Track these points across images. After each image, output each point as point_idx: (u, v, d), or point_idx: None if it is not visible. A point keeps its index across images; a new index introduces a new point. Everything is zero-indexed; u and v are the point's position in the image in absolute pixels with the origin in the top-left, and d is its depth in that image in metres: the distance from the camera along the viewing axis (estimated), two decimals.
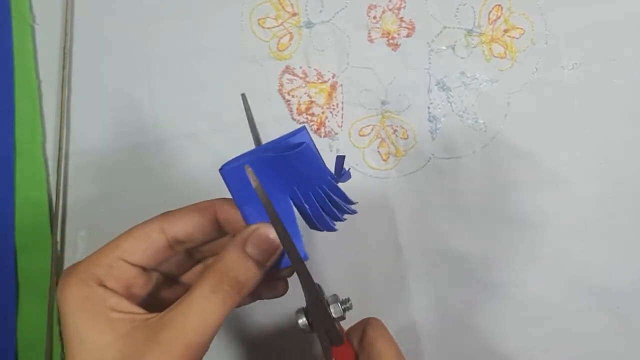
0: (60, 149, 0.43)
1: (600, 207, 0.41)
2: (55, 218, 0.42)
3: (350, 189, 0.41)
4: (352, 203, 0.30)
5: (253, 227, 0.28)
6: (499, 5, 0.42)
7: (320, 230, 0.30)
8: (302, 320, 0.30)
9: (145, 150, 0.43)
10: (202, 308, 0.26)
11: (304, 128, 0.28)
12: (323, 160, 0.29)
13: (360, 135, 0.42)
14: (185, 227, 0.30)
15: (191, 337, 0.26)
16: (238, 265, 0.28)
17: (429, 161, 0.42)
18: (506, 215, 0.41)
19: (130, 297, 0.29)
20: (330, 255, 0.41)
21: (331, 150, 0.42)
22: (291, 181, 0.28)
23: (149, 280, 0.30)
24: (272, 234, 0.28)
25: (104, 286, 0.28)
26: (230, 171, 0.28)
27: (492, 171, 0.41)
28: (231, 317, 0.41)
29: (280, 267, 0.30)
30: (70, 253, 0.43)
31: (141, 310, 0.28)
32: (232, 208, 0.30)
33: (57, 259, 0.42)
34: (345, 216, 0.30)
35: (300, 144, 0.27)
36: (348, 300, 0.31)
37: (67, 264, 0.43)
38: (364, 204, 0.42)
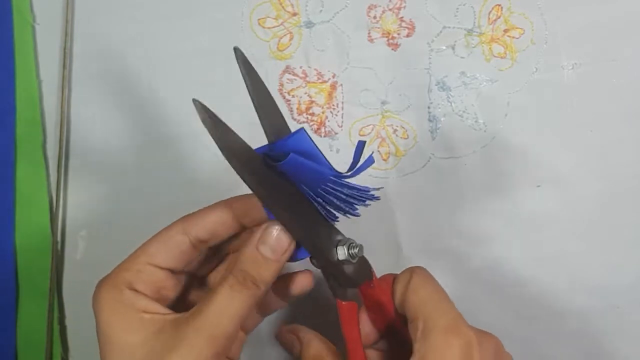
0: (60, 149, 0.43)
1: (600, 207, 0.41)
2: (55, 218, 0.42)
3: None
4: (368, 191, 0.31)
5: (263, 226, 0.30)
6: (499, 5, 0.42)
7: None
8: (314, 261, 0.31)
9: (145, 150, 0.43)
10: (224, 303, 0.29)
11: (301, 130, 0.29)
12: (322, 158, 0.29)
13: (361, 135, 0.42)
14: (205, 226, 0.31)
15: (215, 328, 0.28)
16: (252, 264, 0.29)
17: (429, 161, 0.42)
18: (506, 215, 0.41)
19: (160, 299, 0.31)
20: None
21: (331, 150, 0.42)
22: (298, 180, 0.29)
23: (178, 281, 0.33)
24: (277, 232, 0.30)
25: (134, 290, 0.30)
26: (285, 164, 0.28)
27: (492, 171, 0.41)
28: None
29: (296, 259, 0.31)
30: (70, 253, 0.43)
31: (170, 311, 0.30)
32: (246, 203, 0.32)
33: (57, 258, 0.42)
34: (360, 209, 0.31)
35: (287, 154, 0.27)
36: (356, 245, 0.31)
37: (67, 264, 0.43)
38: None
